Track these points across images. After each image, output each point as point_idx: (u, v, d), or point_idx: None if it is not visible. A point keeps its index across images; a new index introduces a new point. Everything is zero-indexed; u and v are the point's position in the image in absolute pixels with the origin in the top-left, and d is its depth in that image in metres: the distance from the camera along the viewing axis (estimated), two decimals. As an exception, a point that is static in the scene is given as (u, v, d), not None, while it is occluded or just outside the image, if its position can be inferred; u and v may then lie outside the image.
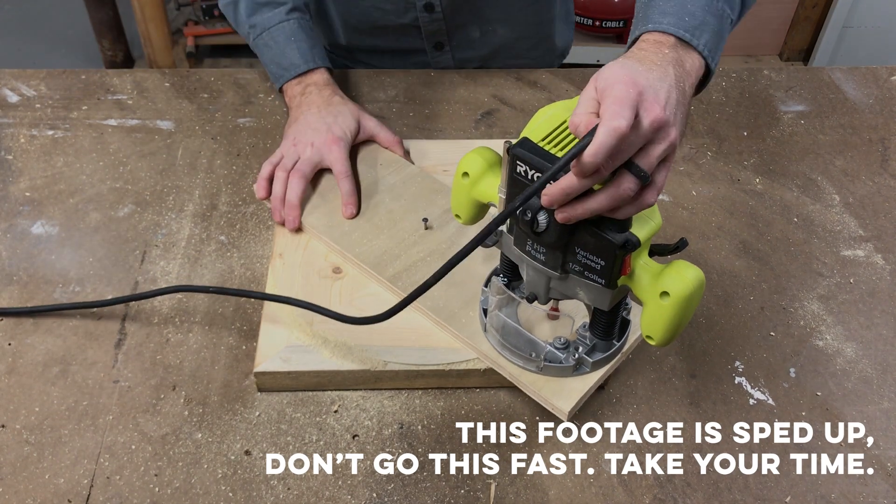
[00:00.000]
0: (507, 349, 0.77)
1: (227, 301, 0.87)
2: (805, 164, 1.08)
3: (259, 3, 1.04)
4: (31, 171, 1.02)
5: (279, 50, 1.03)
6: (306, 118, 0.97)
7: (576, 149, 0.58)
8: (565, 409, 0.74)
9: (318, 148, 0.94)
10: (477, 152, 0.74)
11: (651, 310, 0.66)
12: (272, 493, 0.73)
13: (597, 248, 0.65)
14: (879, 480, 0.76)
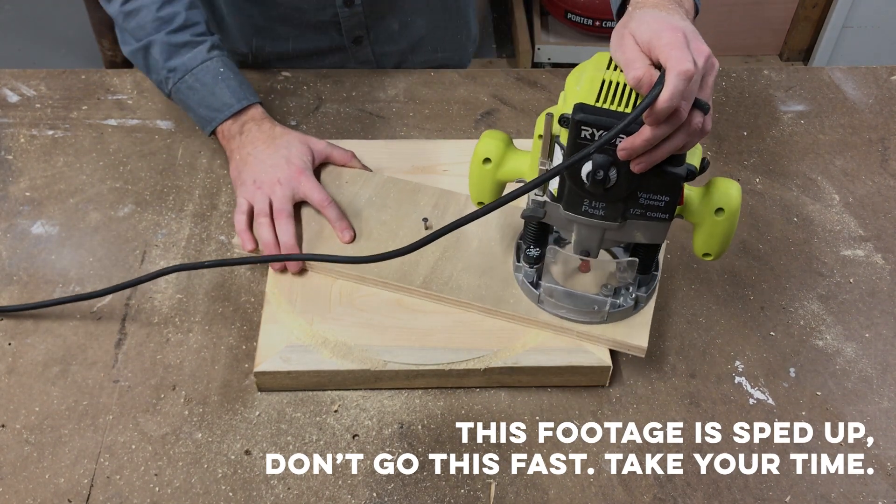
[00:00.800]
0: (567, 311, 0.81)
1: (227, 301, 0.87)
2: (805, 163, 1.08)
3: (176, 44, 0.95)
4: (31, 170, 1.02)
5: (207, 91, 0.95)
6: (258, 157, 0.92)
7: (649, 99, 0.60)
8: (644, 345, 0.80)
9: (286, 183, 0.89)
10: (490, 136, 0.76)
11: (707, 228, 0.72)
12: (272, 492, 0.73)
13: (662, 187, 0.69)
14: (879, 480, 0.76)
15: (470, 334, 0.81)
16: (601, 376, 0.80)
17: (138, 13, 0.96)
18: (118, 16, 0.97)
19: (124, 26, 0.97)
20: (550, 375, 0.80)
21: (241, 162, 0.93)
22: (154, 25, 0.95)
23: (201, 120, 0.97)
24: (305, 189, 0.90)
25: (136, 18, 0.96)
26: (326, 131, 1.09)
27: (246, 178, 0.91)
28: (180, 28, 0.96)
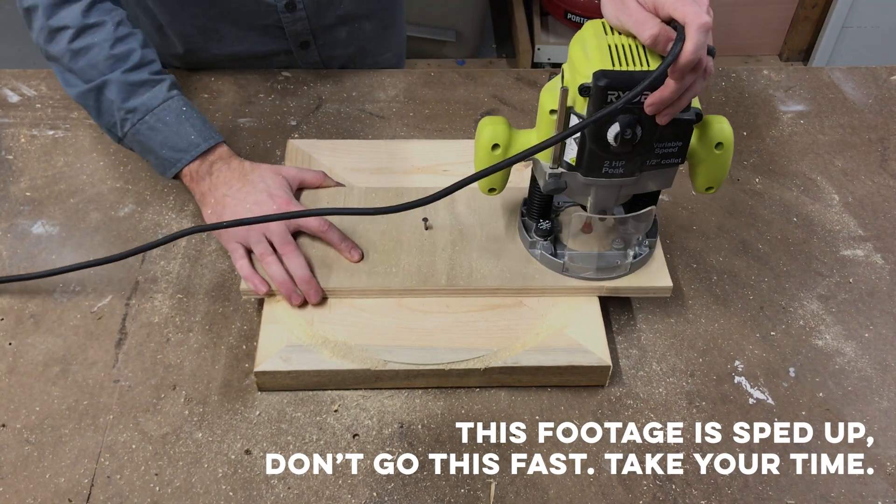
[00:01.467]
0: (593, 272, 0.85)
1: (228, 301, 0.88)
2: (805, 163, 1.08)
3: (134, 83, 0.90)
4: (31, 170, 1.02)
5: (171, 131, 0.89)
6: (236, 197, 0.87)
7: (673, 54, 0.63)
8: (670, 284, 0.85)
9: None
10: (491, 123, 0.77)
11: (710, 163, 0.77)
12: (272, 492, 0.73)
13: (675, 133, 0.72)
14: (879, 480, 0.76)
15: (470, 334, 0.81)
16: (601, 376, 0.81)
17: (89, 51, 0.90)
18: (64, 55, 0.90)
19: (71, 66, 0.91)
20: (550, 375, 0.80)
21: (218, 205, 0.88)
22: (108, 64, 0.89)
23: (163, 162, 0.90)
24: (299, 218, 0.86)
25: (87, 57, 0.90)
26: (326, 131, 1.09)
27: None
28: (137, 66, 0.90)
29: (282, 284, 0.82)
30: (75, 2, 0.90)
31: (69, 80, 0.93)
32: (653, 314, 0.88)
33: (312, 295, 0.83)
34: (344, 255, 0.86)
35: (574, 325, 0.82)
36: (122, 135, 0.92)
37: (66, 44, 0.90)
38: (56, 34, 0.90)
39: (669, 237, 0.97)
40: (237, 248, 0.86)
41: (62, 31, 0.90)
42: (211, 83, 1.16)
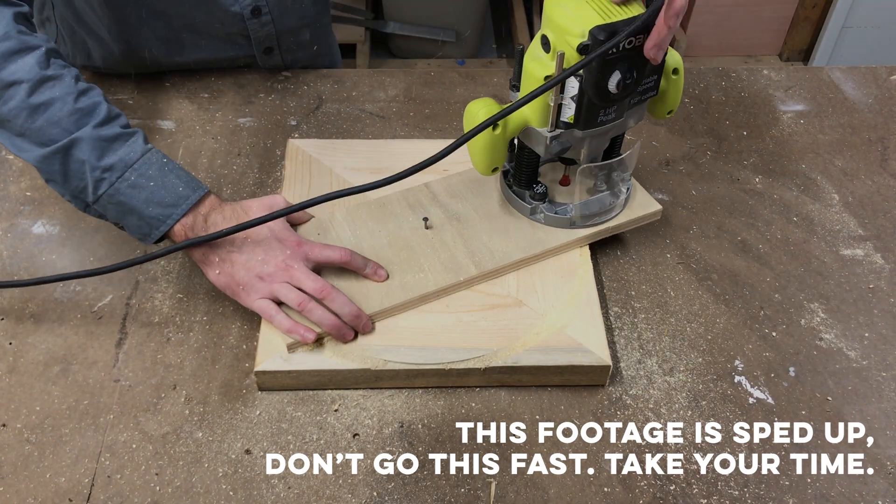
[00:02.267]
0: (597, 219, 0.90)
1: (228, 300, 0.88)
2: (804, 163, 1.08)
3: (108, 138, 0.80)
4: (31, 170, 1.02)
5: (157, 185, 0.80)
6: (244, 250, 0.81)
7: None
8: (659, 207, 0.93)
9: (294, 259, 0.81)
10: (482, 104, 0.79)
11: (670, 89, 0.83)
12: (272, 491, 0.73)
13: (653, 69, 0.78)
14: (879, 480, 0.76)
15: (470, 334, 0.81)
16: (601, 375, 0.81)
17: (49, 107, 0.78)
18: (19, 113, 0.78)
19: (27, 126, 0.79)
20: (550, 375, 0.80)
21: (225, 264, 0.81)
22: (73, 120, 0.79)
23: (149, 222, 0.80)
24: (317, 253, 0.82)
25: (47, 114, 0.78)
26: (326, 131, 1.09)
27: (242, 277, 0.81)
28: (106, 121, 0.81)
29: (333, 327, 0.79)
30: (28, 52, 0.79)
31: (22, 145, 0.80)
32: (653, 313, 0.88)
33: (365, 327, 0.80)
34: (371, 278, 0.84)
35: (574, 324, 0.82)
36: (95, 199, 0.81)
37: (21, 99, 0.78)
38: (8, 90, 0.78)
39: (669, 237, 0.97)
40: (268, 305, 0.80)
41: (15, 85, 0.78)
42: (211, 83, 1.16)
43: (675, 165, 1.07)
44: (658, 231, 0.97)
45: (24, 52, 0.79)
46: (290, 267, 0.81)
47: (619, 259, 0.94)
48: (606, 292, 0.90)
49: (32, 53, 0.79)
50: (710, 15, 2.67)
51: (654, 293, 0.90)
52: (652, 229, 0.97)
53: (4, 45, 0.79)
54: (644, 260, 0.94)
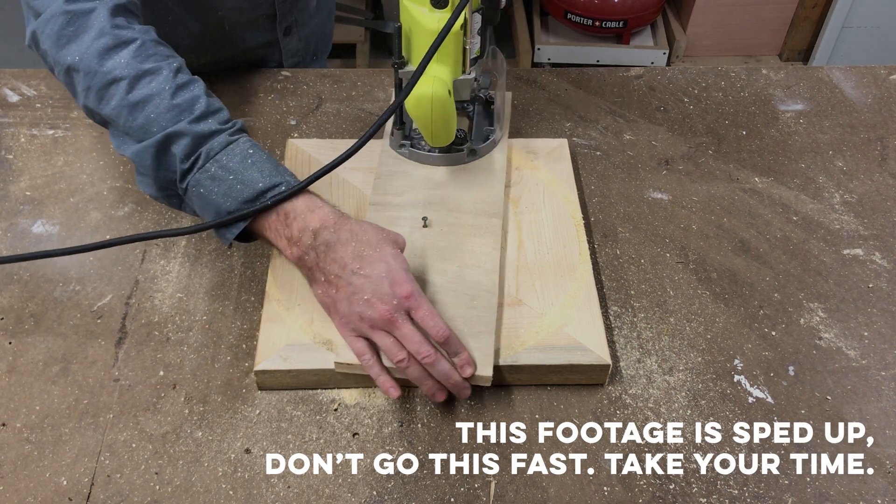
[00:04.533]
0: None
1: (228, 300, 0.88)
2: (804, 162, 1.08)
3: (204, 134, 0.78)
4: (31, 170, 1.02)
5: (235, 179, 0.77)
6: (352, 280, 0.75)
7: None
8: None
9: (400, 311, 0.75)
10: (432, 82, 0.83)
11: None
12: (272, 490, 0.73)
13: None
14: (879, 479, 0.76)
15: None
16: (601, 375, 0.81)
17: (148, 103, 0.78)
18: (119, 112, 0.78)
19: (129, 125, 0.78)
20: (550, 374, 0.80)
21: (329, 287, 0.77)
22: (170, 116, 0.78)
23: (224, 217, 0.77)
24: (422, 317, 0.75)
25: (145, 111, 0.77)
26: (326, 131, 1.09)
27: (348, 314, 0.76)
28: (203, 116, 0.79)
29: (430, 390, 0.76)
30: (124, 47, 0.79)
31: (125, 141, 0.80)
32: (652, 313, 0.88)
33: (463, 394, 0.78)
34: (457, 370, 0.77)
35: (574, 323, 0.82)
36: (183, 191, 0.79)
37: (121, 98, 0.78)
38: (108, 88, 0.78)
39: (669, 236, 0.97)
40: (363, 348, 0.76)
41: (115, 83, 0.78)
42: (211, 83, 1.16)
43: (675, 165, 1.07)
44: (657, 230, 0.97)
45: (119, 47, 0.78)
46: (394, 320, 0.74)
47: (619, 258, 0.94)
48: (606, 291, 0.90)
49: (128, 48, 0.79)
50: (710, 15, 2.67)
51: (653, 292, 0.90)
52: (651, 229, 0.97)
53: (100, 42, 0.78)
54: (643, 259, 0.94)
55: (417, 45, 0.85)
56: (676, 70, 1.23)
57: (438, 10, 0.82)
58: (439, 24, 0.81)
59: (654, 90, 1.19)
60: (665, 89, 1.19)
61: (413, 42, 0.86)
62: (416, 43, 0.85)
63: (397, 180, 0.95)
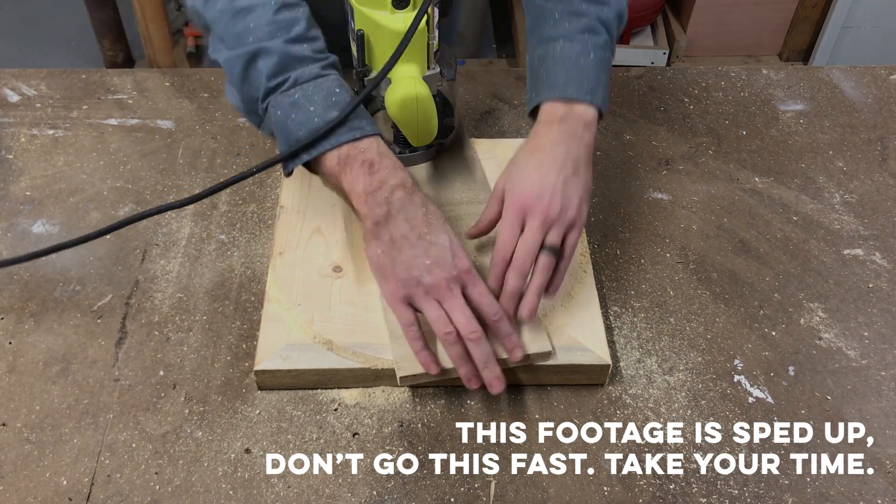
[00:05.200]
0: None
1: (228, 300, 0.88)
2: (804, 162, 1.08)
3: (294, 57, 0.78)
4: (31, 170, 1.02)
5: (315, 112, 0.77)
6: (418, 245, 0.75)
7: None
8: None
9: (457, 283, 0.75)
10: (413, 83, 0.82)
11: None
12: (272, 490, 0.73)
13: None
14: (879, 479, 0.76)
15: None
16: (601, 375, 0.81)
17: (250, 13, 0.77)
18: (221, 16, 0.78)
19: (227, 30, 0.78)
20: (550, 374, 0.80)
21: (392, 248, 0.76)
22: (268, 30, 0.77)
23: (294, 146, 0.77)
24: (476, 293, 0.75)
25: (246, 20, 0.77)
26: (326, 131, 1.09)
27: (404, 277, 0.75)
28: (299, 39, 0.78)
29: (467, 374, 0.75)
30: None
31: (219, 47, 0.80)
32: (652, 313, 0.88)
33: (495, 388, 0.76)
34: (507, 353, 0.77)
35: (574, 323, 0.82)
36: (263, 111, 0.79)
37: (226, 3, 0.78)
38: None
39: (669, 236, 0.97)
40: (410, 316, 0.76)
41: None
42: (210, 83, 1.16)
43: (675, 165, 1.07)
44: (657, 230, 0.97)
45: None
46: (450, 290, 0.74)
47: (619, 258, 0.94)
48: (606, 291, 0.90)
49: None
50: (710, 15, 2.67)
51: (653, 292, 0.90)
52: (651, 229, 0.97)
53: None
54: (643, 259, 0.94)
55: (381, 48, 0.84)
56: (676, 70, 1.23)
57: (400, 10, 0.81)
58: (404, 24, 0.79)
59: (654, 90, 1.19)
60: (665, 89, 1.19)
61: (376, 46, 0.84)
62: (378, 47, 0.84)
63: None
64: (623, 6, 0.88)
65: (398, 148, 0.96)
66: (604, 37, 0.85)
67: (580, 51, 0.83)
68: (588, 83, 0.82)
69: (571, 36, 0.84)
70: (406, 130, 0.87)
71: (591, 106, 0.82)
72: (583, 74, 0.82)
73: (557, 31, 0.85)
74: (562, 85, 0.82)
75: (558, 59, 0.83)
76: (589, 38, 0.84)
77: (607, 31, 0.85)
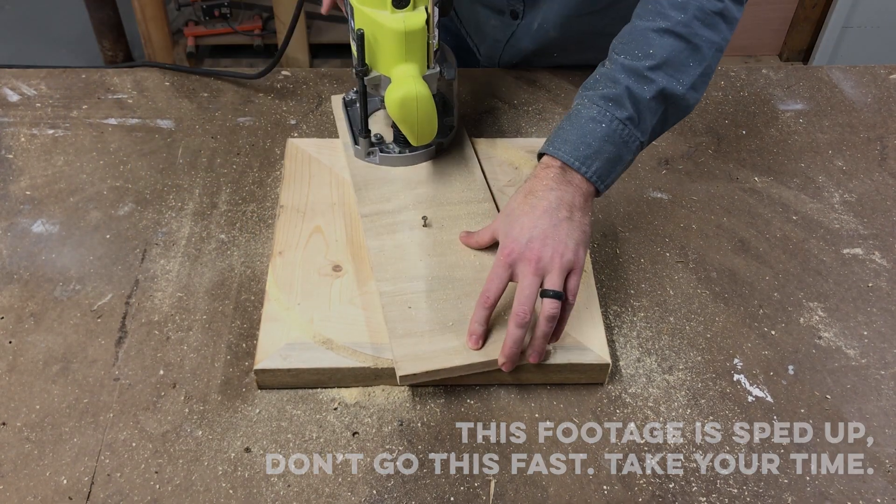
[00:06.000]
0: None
1: (228, 299, 0.88)
2: (804, 162, 1.08)
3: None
4: (31, 169, 1.02)
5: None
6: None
7: None
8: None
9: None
10: (413, 82, 0.83)
11: None
12: (272, 490, 0.73)
13: None
14: (878, 478, 0.76)
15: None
16: (600, 374, 0.81)
17: None
18: None
19: None
20: (550, 373, 0.80)
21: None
22: None
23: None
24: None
25: None
26: (326, 131, 1.09)
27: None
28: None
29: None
30: None
31: None
32: (652, 312, 0.88)
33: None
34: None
35: (573, 322, 0.82)
36: None
37: None
38: None
39: (669, 236, 0.97)
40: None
41: None
42: (210, 82, 1.16)
43: (675, 164, 1.07)
44: (657, 230, 0.97)
45: None
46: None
47: (619, 258, 0.94)
48: (606, 291, 0.90)
49: None
50: (709, 15, 2.67)
51: (653, 292, 0.90)
52: (651, 228, 0.97)
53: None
54: (643, 259, 0.94)
55: (383, 48, 0.84)
56: (676, 70, 1.23)
57: (400, 10, 0.81)
58: (405, 23, 0.80)
59: (654, 90, 1.18)
60: (665, 89, 1.19)
61: (377, 47, 0.85)
62: (380, 47, 0.84)
63: (378, 187, 0.95)
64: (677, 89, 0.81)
65: (398, 147, 0.96)
66: (627, 111, 0.80)
67: (594, 116, 0.80)
68: (585, 150, 0.80)
69: (595, 99, 0.81)
70: (406, 129, 0.87)
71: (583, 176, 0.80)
72: (583, 141, 0.80)
73: (588, 91, 0.82)
74: (559, 143, 0.81)
75: (573, 116, 0.82)
76: (610, 108, 0.80)
77: (636, 107, 0.80)
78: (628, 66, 0.80)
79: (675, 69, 0.81)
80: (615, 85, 0.80)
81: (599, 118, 0.80)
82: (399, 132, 0.93)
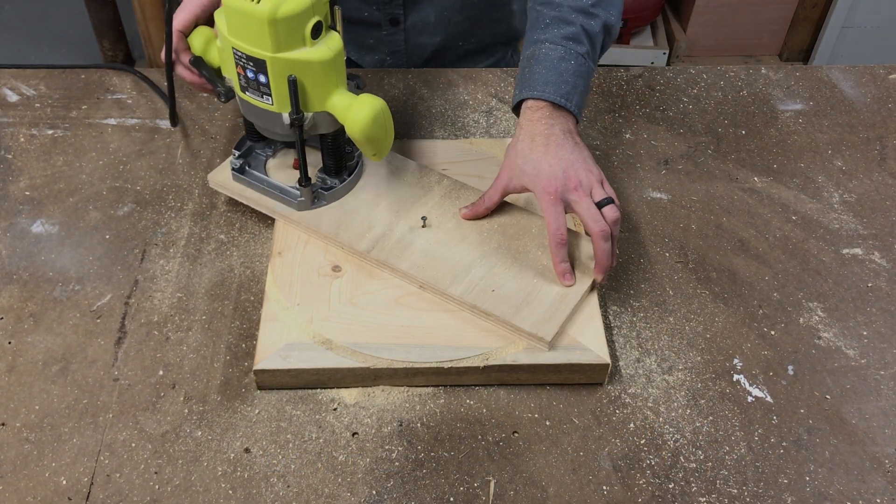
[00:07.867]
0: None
1: (227, 300, 0.88)
2: (803, 162, 1.08)
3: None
4: (30, 170, 1.02)
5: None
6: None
7: None
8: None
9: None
10: (369, 99, 0.81)
11: None
12: (272, 490, 0.73)
13: None
14: (878, 478, 0.76)
15: (470, 332, 0.81)
16: (600, 374, 0.81)
17: None
18: None
19: None
20: (549, 373, 0.80)
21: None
22: None
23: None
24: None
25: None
26: (326, 130, 1.09)
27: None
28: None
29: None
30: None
31: None
32: (652, 312, 0.88)
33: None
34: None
35: (573, 322, 0.82)
36: None
37: None
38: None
39: (668, 236, 0.97)
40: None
41: None
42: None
43: (675, 164, 1.07)
44: (657, 230, 0.97)
45: None
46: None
47: (618, 258, 0.94)
48: (605, 291, 0.90)
49: None
50: (710, 15, 2.67)
51: (652, 292, 0.90)
52: (651, 228, 0.97)
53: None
54: (643, 259, 0.94)
55: (312, 84, 0.81)
56: (676, 70, 1.23)
57: (316, 40, 0.80)
58: (330, 50, 0.80)
59: (654, 90, 1.19)
60: (665, 89, 1.19)
61: (308, 86, 0.81)
62: (311, 84, 0.81)
63: (350, 222, 0.90)
64: (612, 20, 0.94)
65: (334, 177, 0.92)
66: (585, 47, 0.91)
67: (562, 55, 0.89)
68: (565, 87, 0.88)
69: (556, 41, 0.90)
70: (374, 146, 0.84)
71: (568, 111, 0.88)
72: (561, 79, 0.88)
73: (545, 35, 0.91)
74: (541, 86, 0.88)
75: (542, 60, 0.89)
76: (572, 46, 0.90)
77: (590, 41, 0.91)
78: (576, 7, 0.91)
79: (608, 3, 0.93)
80: (570, 25, 0.90)
81: (567, 57, 0.89)
82: (333, 161, 0.91)
